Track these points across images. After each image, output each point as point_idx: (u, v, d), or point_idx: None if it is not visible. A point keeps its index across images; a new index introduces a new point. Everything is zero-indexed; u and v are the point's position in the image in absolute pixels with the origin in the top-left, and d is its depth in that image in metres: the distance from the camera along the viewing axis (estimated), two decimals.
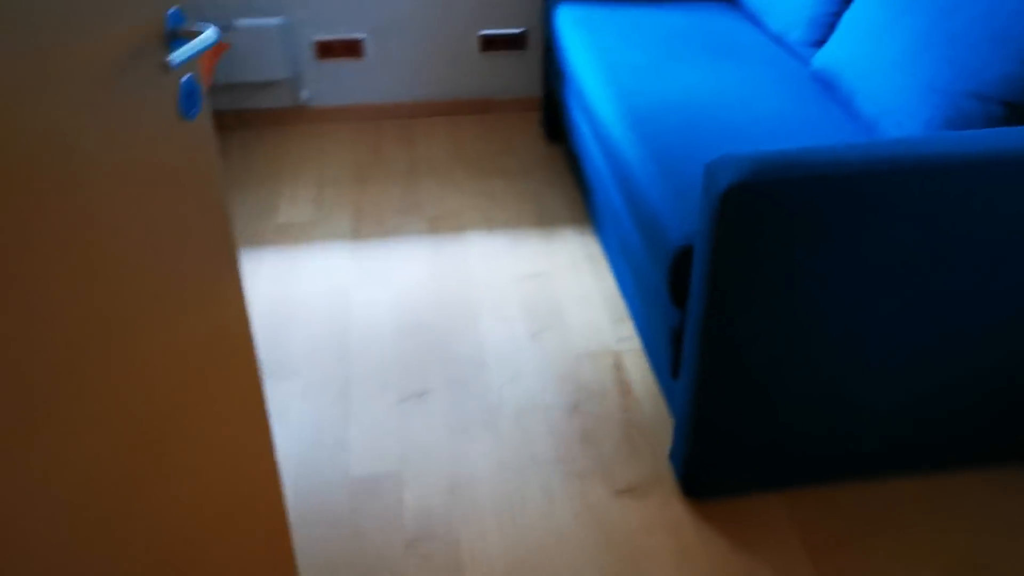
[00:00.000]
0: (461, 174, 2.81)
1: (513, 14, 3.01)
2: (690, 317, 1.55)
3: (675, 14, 2.48)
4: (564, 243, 2.47)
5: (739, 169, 1.36)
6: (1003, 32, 1.55)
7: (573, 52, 2.35)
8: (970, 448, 1.73)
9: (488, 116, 3.16)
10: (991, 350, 1.58)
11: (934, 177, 1.38)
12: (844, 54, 1.94)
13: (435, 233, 2.51)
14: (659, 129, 1.88)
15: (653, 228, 1.68)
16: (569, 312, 2.21)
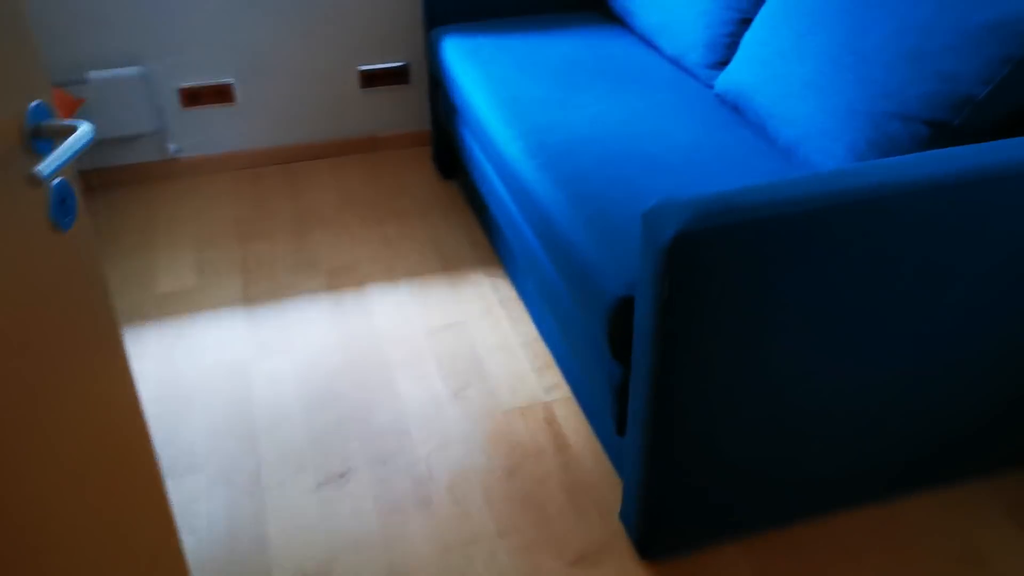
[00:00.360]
0: (354, 221, 2.63)
1: (393, 47, 2.86)
2: (636, 373, 1.45)
3: (567, 40, 2.40)
4: (474, 288, 2.34)
5: (681, 217, 1.26)
6: (917, 50, 1.52)
7: (466, 86, 2.23)
8: (922, 472, 1.69)
9: (375, 155, 3.00)
10: (942, 375, 1.54)
11: (884, 207, 1.32)
12: (750, 77, 1.89)
13: (334, 289, 2.34)
14: (575, 169, 1.78)
15: (583, 277, 1.57)
16: (490, 364, 2.08)
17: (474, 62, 2.29)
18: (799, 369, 1.44)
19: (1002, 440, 1.70)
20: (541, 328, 2.12)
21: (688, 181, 1.72)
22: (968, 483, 1.75)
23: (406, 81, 2.93)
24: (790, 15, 1.81)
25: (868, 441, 1.59)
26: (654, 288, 1.32)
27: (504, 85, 2.15)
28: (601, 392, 1.63)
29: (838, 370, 1.46)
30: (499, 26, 2.50)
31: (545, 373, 2.05)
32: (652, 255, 1.30)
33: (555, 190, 1.73)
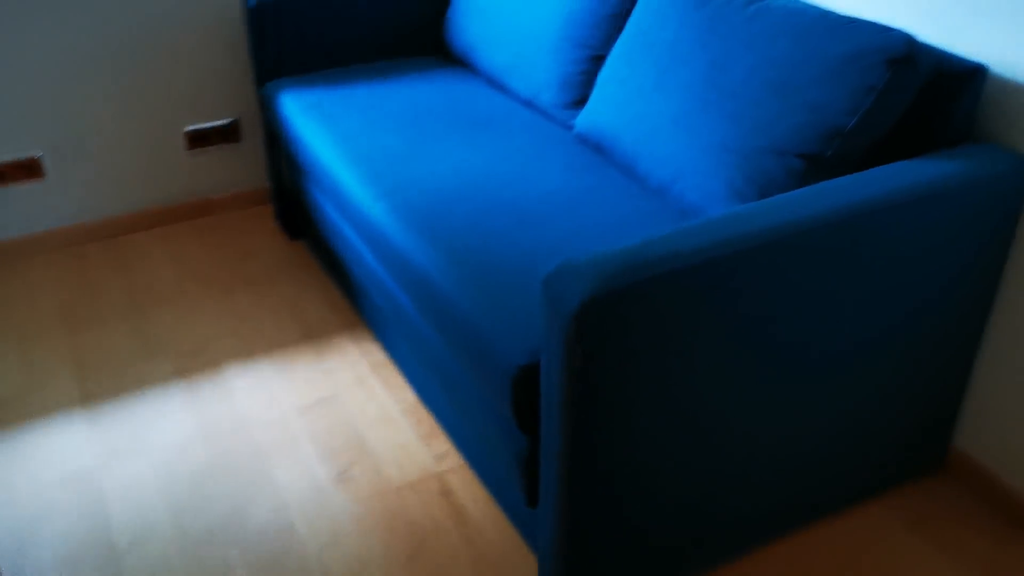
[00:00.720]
0: (198, 294, 2.42)
1: (220, 104, 2.67)
2: (547, 443, 1.36)
3: (412, 87, 2.30)
4: (341, 356, 2.19)
5: (587, 281, 1.19)
6: (783, 83, 1.52)
7: (313, 144, 2.09)
8: (830, 498, 1.70)
9: (211, 219, 2.78)
10: (842, 400, 1.55)
11: (785, 246, 1.30)
12: (612, 116, 1.86)
13: (186, 375, 2.12)
14: (448, 227, 1.68)
15: (476, 345, 1.47)
16: (371, 437, 1.94)
17: (317, 117, 2.15)
18: (714, 414, 1.40)
19: (896, 455, 1.73)
20: (422, 393, 2.00)
21: (569, 231, 1.66)
22: (872, 501, 1.78)
23: (237, 139, 2.73)
24: (647, 52, 1.79)
25: (781, 474, 1.57)
26: (563, 356, 1.24)
27: (354, 140, 2.03)
28: (505, 462, 1.53)
29: (751, 408, 1.44)
30: (338, 77, 2.37)
31: (432, 441, 1.93)
32: (558, 322, 1.22)
33: (431, 252, 1.63)
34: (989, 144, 1.54)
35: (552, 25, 2.09)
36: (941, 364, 1.65)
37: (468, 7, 2.37)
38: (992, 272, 1.58)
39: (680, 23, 1.74)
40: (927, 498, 1.78)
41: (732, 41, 1.62)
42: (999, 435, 1.72)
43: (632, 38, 1.85)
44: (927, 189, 1.40)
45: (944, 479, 1.83)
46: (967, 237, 1.49)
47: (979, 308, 1.62)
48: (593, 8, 2.03)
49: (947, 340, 1.62)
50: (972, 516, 1.74)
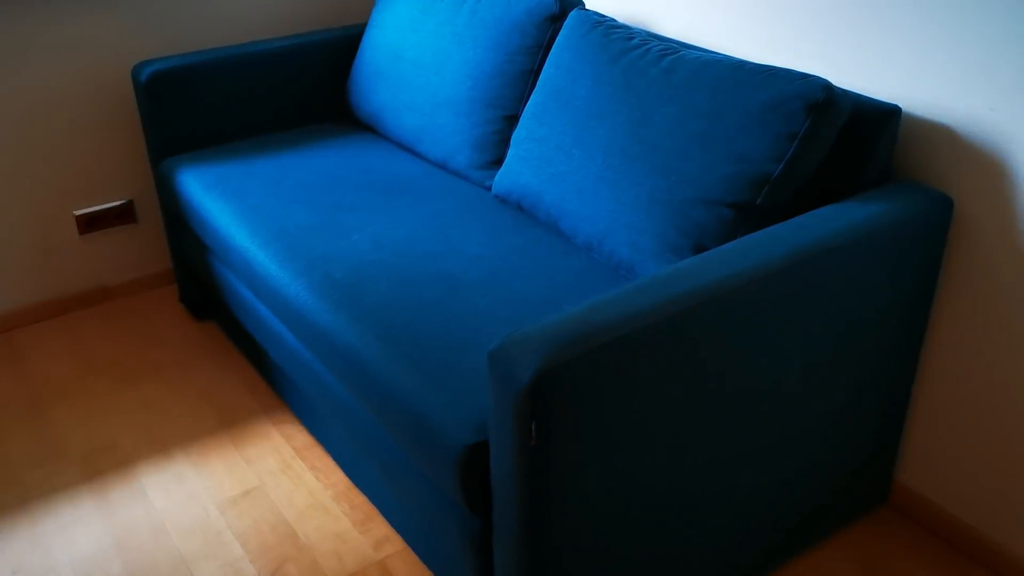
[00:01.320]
0: (102, 388, 2.25)
1: (112, 184, 2.53)
2: (501, 523, 1.28)
3: (319, 156, 2.22)
4: (264, 442, 2.06)
5: (537, 354, 1.13)
6: (707, 134, 1.52)
7: (220, 222, 1.98)
8: (783, 545, 1.67)
9: (110, 305, 2.61)
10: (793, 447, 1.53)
11: (735, 299, 1.27)
12: (531, 175, 1.82)
13: (95, 479, 1.95)
14: (375, 302, 1.60)
15: (416, 425, 1.39)
16: (304, 529, 1.82)
17: (222, 194, 2.05)
18: (669, 474, 1.35)
19: (843, 495, 1.72)
20: (354, 475, 1.89)
21: (502, 297, 1.60)
22: (823, 543, 1.76)
23: (133, 220, 2.59)
24: (562, 109, 1.77)
25: (734, 527, 1.53)
26: (514, 433, 1.18)
27: (264, 217, 1.93)
28: (454, 545, 1.45)
29: (705, 463, 1.39)
30: (240, 150, 2.27)
31: (369, 526, 1.82)
32: (508, 397, 1.16)
33: (359, 330, 1.54)
34: (909, 182, 1.57)
35: (461, 86, 2.06)
36: (880, 401, 1.65)
37: (371, 71, 2.32)
38: (922, 306, 1.60)
39: (594, 79, 1.72)
40: (875, 535, 1.77)
41: (650, 95, 1.61)
42: (940, 467, 1.73)
43: (546, 96, 1.83)
44: (857, 231, 1.40)
45: (890, 514, 1.82)
46: (897, 274, 1.50)
47: (913, 341, 1.63)
48: (502, 67, 2.00)
49: (884, 376, 1.62)
50: (920, 550, 1.74)
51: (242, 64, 2.32)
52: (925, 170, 1.58)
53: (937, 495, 1.75)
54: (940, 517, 1.75)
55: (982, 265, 1.55)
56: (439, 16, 2.15)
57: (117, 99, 2.45)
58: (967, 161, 1.51)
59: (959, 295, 1.60)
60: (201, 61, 2.26)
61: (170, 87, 2.22)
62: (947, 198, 1.52)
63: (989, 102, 1.45)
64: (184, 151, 2.31)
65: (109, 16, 2.36)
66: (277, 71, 2.38)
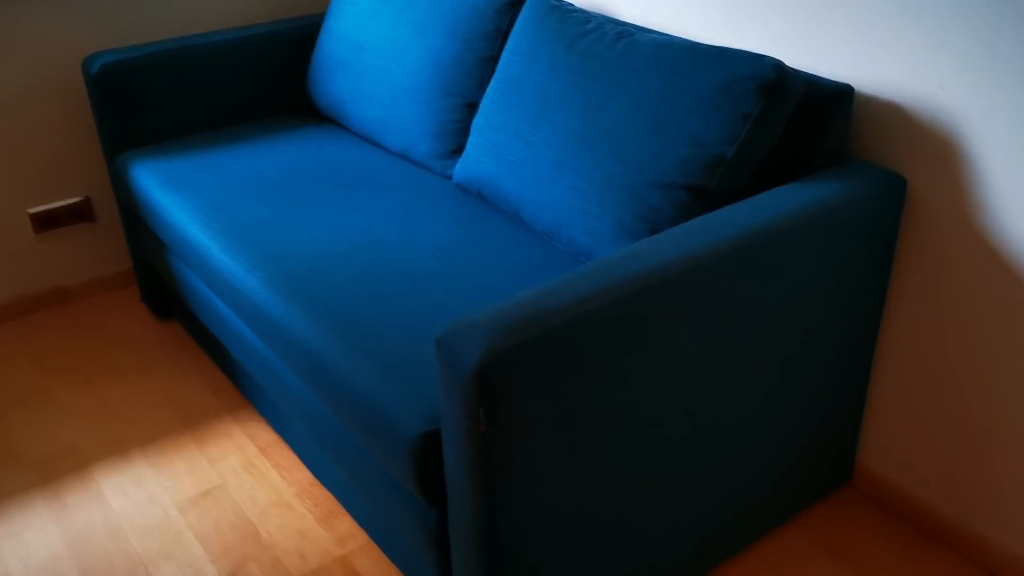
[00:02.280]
0: (60, 391, 2.21)
1: (69, 182, 2.48)
2: (456, 514, 1.27)
3: (278, 149, 2.19)
4: (227, 441, 2.03)
5: (483, 339, 1.12)
6: (661, 117, 1.50)
7: (175, 218, 1.95)
8: (744, 530, 1.66)
9: (69, 307, 2.57)
10: (752, 430, 1.52)
11: (687, 280, 1.26)
12: (490, 164, 1.80)
13: (51, 483, 1.92)
14: (329, 294, 1.58)
15: (370, 417, 1.37)
16: (266, 527, 1.79)
17: (178, 189, 2.01)
18: (625, 459, 1.34)
19: (805, 477, 1.71)
20: (317, 472, 1.87)
21: (461, 287, 1.58)
22: (786, 526, 1.75)
23: (90, 218, 2.55)
24: (520, 95, 1.75)
25: (697, 513, 1.52)
26: (463, 420, 1.16)
27: (221, 211, 1.90)
28: (412, 538, 1.43)
29: (663, 448, 1.38)
30: (196, 144, 2.24)
31: (333, 523, 1.80)
32: (456, 384, 1.14)
33: (314, 323, 1.52)
34: (862, 162, 1.56)
35: (420, 76, 2.04)
36: (839, 382, 1.64)
37: (331, 62, 2.29)
38: (879, 286, 1.60)
39: (551, 64, 1.71)
40: (838, 516, 1.77)
41: (605, 80, 1.60)
42: (901, 447, 1.73)
43: (504, 83, 1.81)
44: (811, 211, 1.40)
45: (852, 495, 1.82)
46: (852, 254, 1.50)
47: (870, 321, 1.63)
48: (461, 55, 1.98)
49: (843, 358, 1.62)
50: (882, 530, 1.74)
51: (197, 56, 2.28)
52: (878, 150, 1.58)
53: (899, 476, 1.75)
54: (902, 497, 1.75)
55: (936, 244, 1.54)
56: (398, 4, 2.13)
57: (70, 93, 2.41)
58: (920, 141, 1.51)
59: (914, 274, 1.60)
60: (154, 53, 2.23)
61: (122, 80, 2.19)
62: (900, 178, 1.51)
63: (940, 81, 1.45)
64: (139, 146, 2.28)
65: (60, 8, 2.32)
66: (234, 63, 2.34)
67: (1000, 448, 1.57)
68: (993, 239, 1.46)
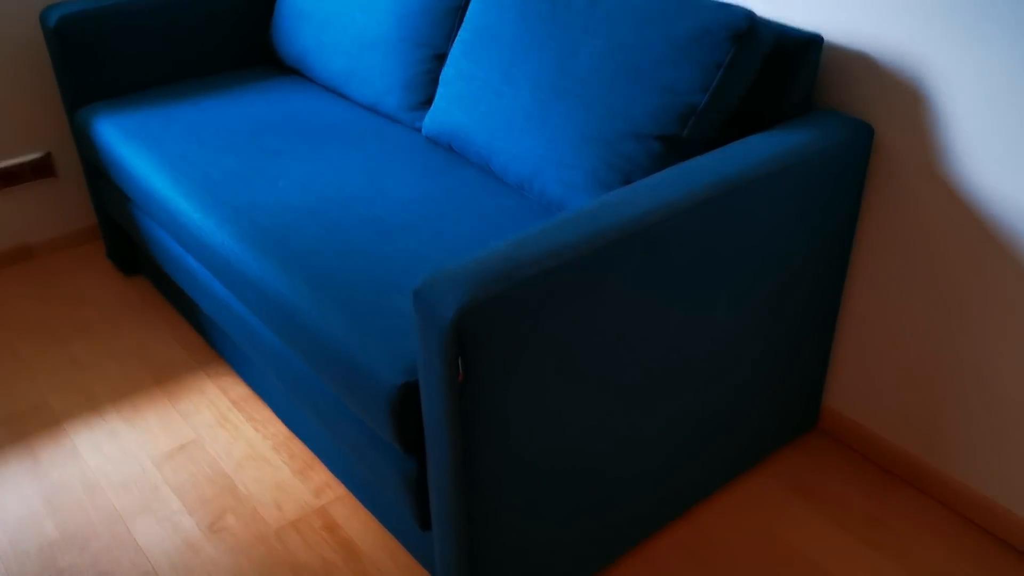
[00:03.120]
0: (27, 348, 2.19)
1: (28, 137, 2.43)
2: (435, 463, 1.29)
3: (244, 101, 2.16)
4: (199, 396, 2.03)
5: (460, 289, 1.13)
6: (633, 66, 1.50)
7: (141, 172, 1.92)
8: (711, 475, 1.70)
9: (33, 264, 2.53)
10: (719, 376, 1.55)
11: (662, 229, 1.27)
12: (461, 115, 1.79)
13: (23, 440, 1.91)
14: (302, 247, 1.57)
15: (348, 370, 1.37)
16: (242, 480, 1.80)
17: (143, 143, 1.98)
18: (600, 407, 1.36)
19: (774, 421, 1.76)
20: (292, 425, 1.88)
21: (432, 238, 1.59)
22: (755, 469, 1.80)
23: (52, 174, 2.50)
24: (490, 45, 1.74)
25: (667, 459, 1.56)
26: (442, 371, 1.17)
27: (188, 164, 1.88)
28: (391, 487, 1.45)
29: (635, 395, 1.41)
30: (160, 97, 2.20)
31: (309, 475, 1.81)
32: (434, 336, 1.15)
33: (287, 276, 1.52)
34: (830, 111, 1.58)
35: (387, 26, 2.01)
36: (806, 328, 1.68)
37: (295, 12, 2.25)
38: (846, 233, 1.62)
39: (521, 13, 1.69)
40: (805, 458, 1.82)
41: (576, 28, 1.59)
42: (866, 391, 1.78)
43: (473, 33, 1.79)
44: (781, 159, 1.41)
45: (820, 438, 1.87)
46: (820, 202, 1.52)
47: (837, 268, 1.66)
48: (429, 4, 1.96)
49: (810, 304, 1.65)
50: (849, 471, 1.79)
51: (159, 7, 2.23)
52: (846, 99, 1.59)
53: (864, 418, 1.80)
54: (868, 439, 1.80)
55: (902, 191, 1.57)
56: None
57: (28, 47, 2.34)
58: (886, 89, 1.53)
59: (880, 221, 1.63)
60: (114, 4, 2.17)
61: (82, 32, 2.13)
62: (867, 126, 1.53)
63: (907, 31, 1.46)
64: (101, 99, 2.23)
65: None
66: (196, 14, 2.29)
67: (963, 389, 1.62)
68: (957, 185, 1.49)
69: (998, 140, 1.42)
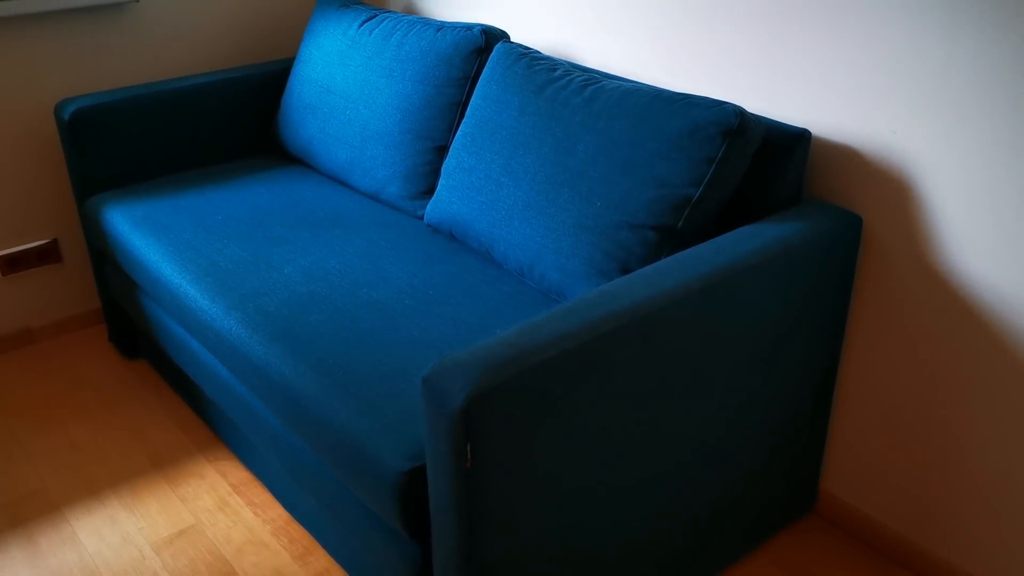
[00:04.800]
0: (25, 432, 2.20)
1: (35, 224, 2.48)
2: (440, 548, 1.30)
3: (249, 190, 2.22)
4: (199, 480, 2.03)
5: (469, 377, 1.16)
6: (628, 160, 1.57)
7: (150, 260, 1.96)
8: (711, 557, 1.71)
9: (34, 348, 2.55)
10: (716, 460, 1.58)
11: (663, 316, 1.32)
12: (462, 205, 1.86)
13: (22, 526, 1.90)
14: (308, 333, 1.61)
15: (353, 455, 1.39)
16: (242, 566, 1.80)
17: (151, 231, 2.03)
18: (603, 492, 1.38)
19: (770, 505, 1.77)
20: (292, 509, 1.88)
21: (436, 325, 1.63)
22: (752, 553, 1.81)
23: (58, 260, 2.55)
24: (490, 139, 1.81)
25: (667, 543, 1.57)
26: (449, 457, 1.20)
27: (195, 252, 1.92)
28: (395, 573, 1.45)
29: (637, 480, 1.43)
30: (168, 186, 2.26)
31: (309, 560, 1.81)
32: (442, 421, 1.18)
33: (293, 361, 1.55)
34: (819, 201, 1.65)
35: (391, 119, 2.09)
36: (802, 413, 1.71)
37: (300, 105, 2.34)
38: (838, 320, 1.67)
39: (520, 109, 1.77)
40: (803, 542, 1.83)
41: (573, 124, 1.67)
42: (863, 475, 1.80)
43: (474, 126, 1.87)
44: (773, 249, 1.47)
45: (817, 522, 1.88)
46: (812, 290, 1.57)
47: (831, 355, 1.70)
48: (430, 99, 2.04)
49: (805, 388, 1.68)
50: (846, 555, 1.80)
51: (168, 100, 2.31)
52: (834, 190, 1.66)
53: (861, 502, 1.82)
54: (865, 523, 1.82)
55: (892, 279, 1.63)
56: (367, 50, 2.18)
57: (40, 137, 2.41)
58: (873, 181, 1.60)
59: (872, 308, 1.68)
60: (126, 98, 2.25)
61: (94, 124, 2.20)
62: (856, 216, 1.60)
63: (891, 125, 1.54)
64: (110, 188, 2.29)
65: (31, 52, 2.34)
66: (204, 107, 2.38)
67: (959, 473, 1.64)
68: (945, 272, 1.55)
69: (984, 227, 1.48)
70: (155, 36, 2.52)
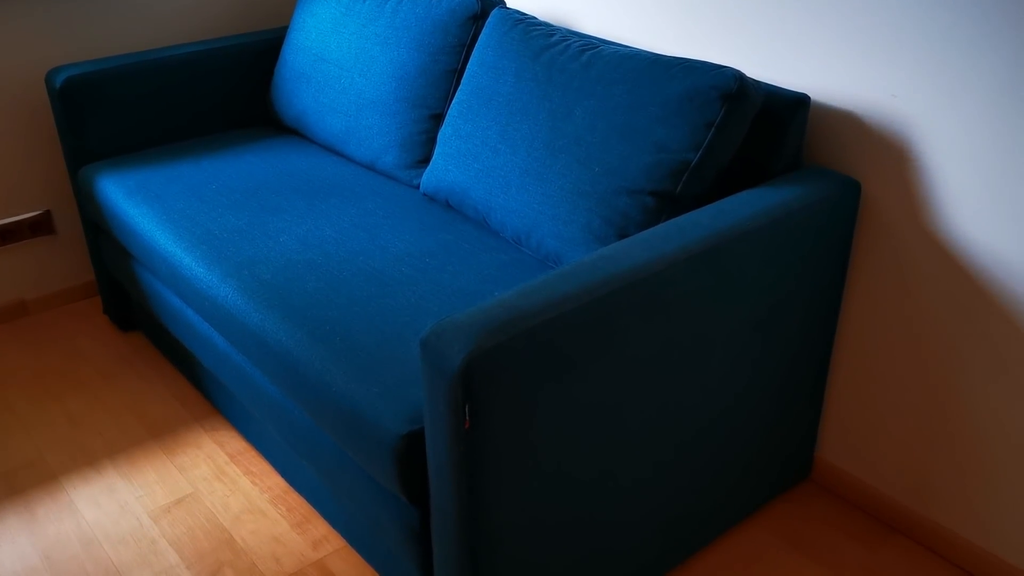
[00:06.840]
0: (22, 404, 2.19)
1: (28, 195, 2.46)
2: (439, 512, 1.30)
3: (244, 160, 2.20)
4: (196, 450, 2.03)
5: (467, 338, 1.16)
6: (627, 125, 1.56)
7: (145, 229, 1.95)
8: (709, 524, 1.72)
9: (28, 320, 2.54)
10: (714, 427, 1.58)
11: (658, 282, 1.31)
12: (458, 172, 1.85)
13: (19, 495, 1.90)
14: (304, 301, 1.60)
15: (351, 421, 1.39)
16: (240, 533, 1.80)
17: (145, 200, 2.02)
18: (602, 455, 1.39)
19: (767, 472, 1.78)
20: (290, 477, 1.88)
21: (431, 291, 1.62)
22: (749, 519, 1.82)
23: (51, 231, 2.53)
24: (487, 106, 1.79)
25: (667, 508, 1.58)
26: (448, 419, 1.20)
27: (190, 221, 1.91)
28: (393, 537, 1.46)
29: (638, 445, 1.43)
30: (162, 156, 2.24)
31: (307, 527, 1.81)
32: (441, 383, 1.18)
33: (290, 329, 1.54)
34: (818, 167, 1.64)
35: (385, 88, 2.07)
36: (798, 379, 1.71)
37: (294, 74, 2.31)
38: (836, 286, 1.67)
39: (516, 76, 1.76)
40: (799, 509, 1.84)
41: (571, 89, 1.65)
42: (859, 441, 1.81)
43: (470, 94, 1.85)
44: (771, 214, 1.46)
45: (813, 489, 1.89)
46: (810, 255, 1.57)
47: (828, 320, 1.70)
48: (425, 67, 2.02)
49: (801, 355, 1.69)
50: (843, 521, 1.81)
51: (161, 69, 2.29)
52: (833, 155, 1.65)
53: (857, 469, 1.83)
54: (860, 490, 1.83)
55: (889, 243, 1.62)
56: (361, 17, 2.16)
57: (31, 106, 2.39)
58: (872, 146, 1.59)
59: (869, 273, 1.68)
60: (118, 66, 2.23)
61: (86, 93, 2.18)
62: (854, 182, 1.59)
63: (891, 90, 1.53)
64: (103, 158, 2.27)
65: (22, 21, 2.31)
66: (197, 76, 2.36)
67: (954, 438, 1.65)
68: (943, 237, 1.54)
69: (983, 193, 1.48)
70: (148, 3, 2.49)
